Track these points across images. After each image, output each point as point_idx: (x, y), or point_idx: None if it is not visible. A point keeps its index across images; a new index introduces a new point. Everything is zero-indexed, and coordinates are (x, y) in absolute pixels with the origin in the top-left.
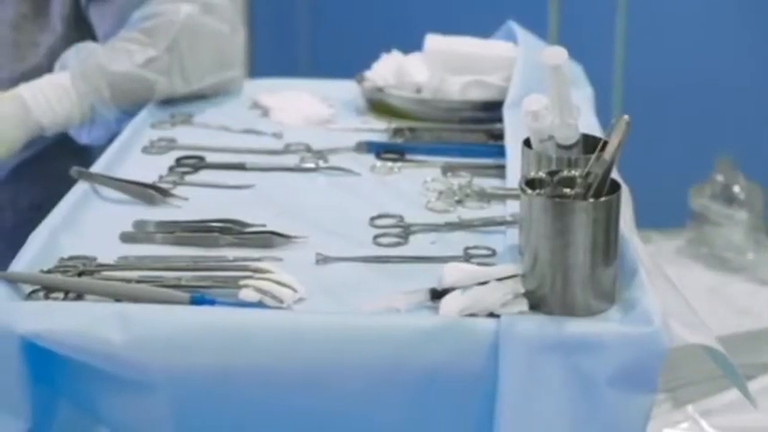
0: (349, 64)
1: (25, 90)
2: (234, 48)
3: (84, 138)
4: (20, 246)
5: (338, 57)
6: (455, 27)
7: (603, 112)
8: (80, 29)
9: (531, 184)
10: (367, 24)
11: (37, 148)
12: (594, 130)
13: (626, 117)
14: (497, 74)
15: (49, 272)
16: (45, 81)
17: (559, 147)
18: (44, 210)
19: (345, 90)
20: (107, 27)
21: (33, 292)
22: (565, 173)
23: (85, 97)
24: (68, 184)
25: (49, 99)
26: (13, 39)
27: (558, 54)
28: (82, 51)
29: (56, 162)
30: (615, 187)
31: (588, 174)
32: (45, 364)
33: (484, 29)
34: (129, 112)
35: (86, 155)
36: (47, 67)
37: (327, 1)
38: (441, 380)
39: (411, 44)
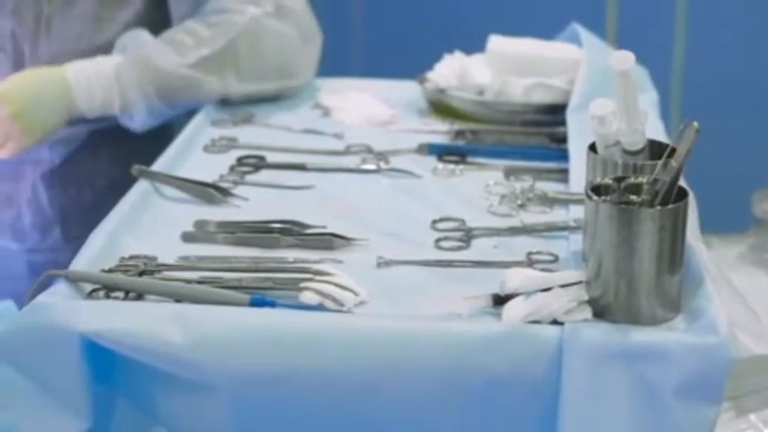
0: (401, 64)
1: (71, 71)
2: (302, 56)
3: (127, 123)
4: (96, 225)
5: (391, 57)
6: (509, 28)
7: (662, 115)
8: (159, 7)
9: (596, 190)
10: (419, 25)
11: (112, 125)
12: (660, 134)
13: (695, 124)
14: (561, 76)
15: (110, 271)
16: (92, 65)
17: (625, 152)
18: (123, 189)
19: (406, 91)
20: (183, 10)
21: (94, 291)
22: (632, 179)
23: (127, 88)
24: (147, 163)
25: (91, 84)
26: (97, 12)
27: (626, 59)
28: (136, 39)
29: (134, 142)
30: (683, 194)
31: (656, 180)
32: (104, 364)
33: (538, 30)
34: (175, 107)
35: (165, 137)
36: None
37: (381, 1)
38: (502, 387)
39: (462, 44)
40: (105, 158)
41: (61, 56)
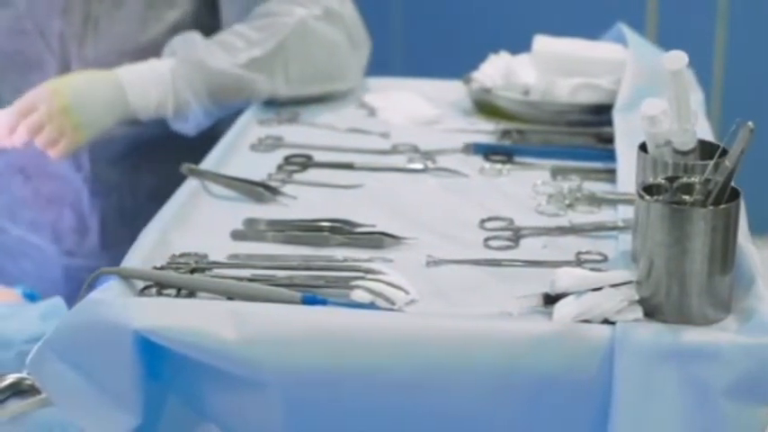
0: (441, 64)
1: (125, 73)
2: (349, 61)
3: (178, 126)
4: (137, 233)
5: (431, 57)
6: (548, 27)
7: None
8: (207, 10)
9: (648, 189)
10: (458, 25)
11: (157, 135)
12: (707, 135)
13: (750, 124)
14: (607, 77)
15: (161, 268)
16: (146, 67)
17: (676, 152)
18: (163, 200)
19: (451, 90)
20: (233, 14)
21: (146, 288)
22: (684, 179)
23: (181, 89)
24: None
25: (146, 86)
26: (144, 13)
27: (679, 59)
28: (187, 41)
29: (177, 153)
30: (734, 195)
31: (708, 180)
32: (155, 361)
33: (576, 30)
34: (227, 108)
35: (208, 146)
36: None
37: (422, 2)
38: (553, 386)
39: (502, 44)
40: (147, 168)
41: (107, 56)
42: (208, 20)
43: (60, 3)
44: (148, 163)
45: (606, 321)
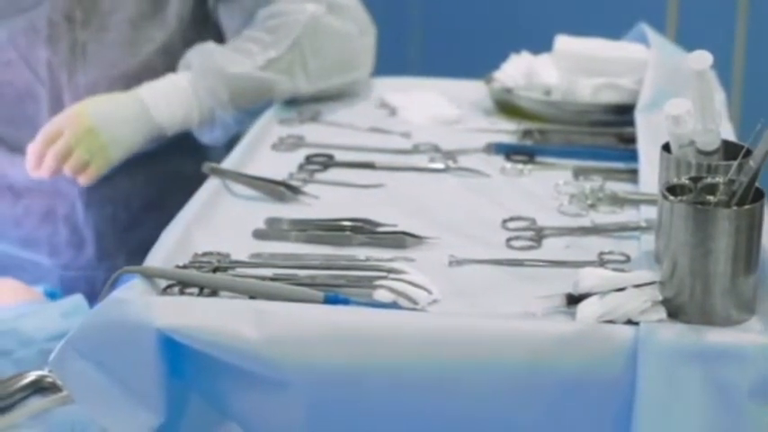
0: (459, 64)
1: (145, 91)
2: (361, 49)
3: (205, 137)
4: (133, 245)
5: (449, 57)
6: (568, 27)
7: None
8: (195, 26)
9: (672, 190)
10: (476, 25)
11: (152, 148)
12: (729, 135)
13: None
14: (629, 76)
15: (184, 267)
16: (165, 82)
17: (699, 152)
18: (158, 210)
19: (471, 90)
20: (235, 25)
21: (168, 287)
22: (708, 179)
23: (204, 99)
24: (183, 184)
25: (169, 100)
26: (131, 37)
27: (704, 59)
28: (203, 52)
29: (171, 162)
30: (759, 195)
31: (732, 181)
32: (178, 359)
33: (594, 30)
34: (249, 112)
35: (202, 155)
36: (159, 64)
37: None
38: (577, 387)
39: (520, 45)
40: (142, 179)
41: (99, 82)
42: (197, 38)
43: (44, 31)
44: (143, 174)
45: (630, 322)
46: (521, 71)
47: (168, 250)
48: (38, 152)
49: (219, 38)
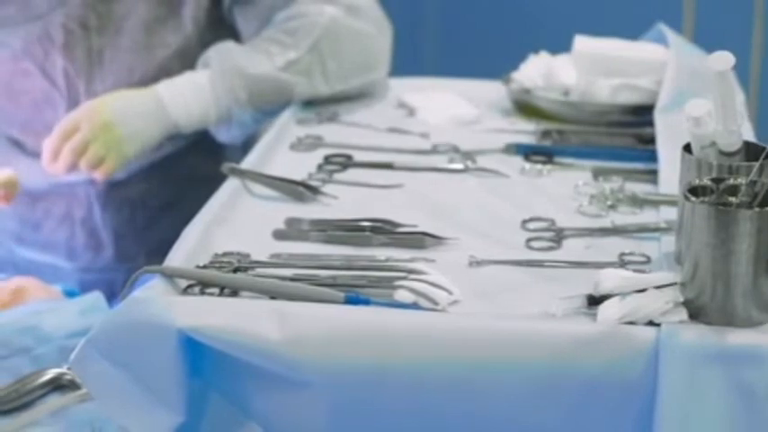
0: (475, 65)
1: (164, 88)
2: (379, 49)
3: (222, 136)
4: (152, 246)
5: (465, 57)
6: (585, 27)
7: None
8: (211, 30)
9: (693, 191)
10: (492, 26)
11: (168, 149)
12: (748, 136)
13: None
14: (647, 77)
15: (204, 267)
16: (184, 79)
17: (721, 153)
18: (175, 210)
19: (489, 90)
20: (252, 29)
21: (189, 287)
22: (730, 181)
23: (222, 98)
24: (199, 184)
25: (187, 98)
26: (147, 41)
27: (725, 59)
28: (223, 51)
29: (187, 162)
30: None
31: (754, 182)
32: (199, 359)
33: (610, 30)
34: (267, 113)
35: (218, 155)
36: (176, 69)
37: (455, 2)
38: (598, 387)
39: (536, 45)
40: (158, 180)
41: (116, 89)
42: (213, 41)
43: (60, 39)
44: (159, 175)
45: (651, 323)
46: (539, 71)
47: (188, 250)
48: (54, 147)
49: (236, 41)
